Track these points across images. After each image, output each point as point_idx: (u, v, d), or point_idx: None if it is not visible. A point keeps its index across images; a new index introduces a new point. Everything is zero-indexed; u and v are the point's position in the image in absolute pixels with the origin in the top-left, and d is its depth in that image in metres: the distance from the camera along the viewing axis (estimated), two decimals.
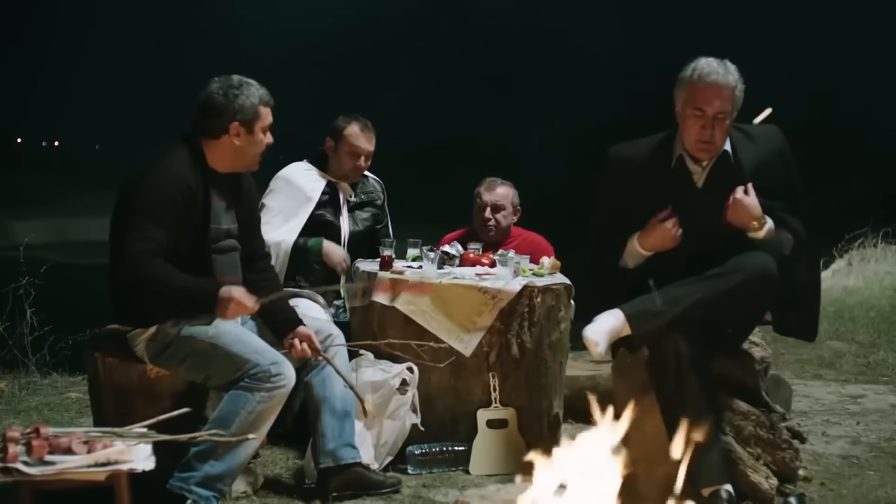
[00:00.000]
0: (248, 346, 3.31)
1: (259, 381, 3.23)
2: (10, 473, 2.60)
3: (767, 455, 3.43)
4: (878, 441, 4.46)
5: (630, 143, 3.58)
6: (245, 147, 3.45)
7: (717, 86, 3.28)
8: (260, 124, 3.45)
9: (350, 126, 4.48)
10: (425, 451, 3.87)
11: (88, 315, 4.57)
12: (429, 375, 3.90)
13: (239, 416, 3.21)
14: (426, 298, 3.90)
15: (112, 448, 2.70)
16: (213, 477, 3.20)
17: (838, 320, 7.55)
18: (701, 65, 3.33)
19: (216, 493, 3.22)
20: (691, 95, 3.31)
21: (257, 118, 3.44)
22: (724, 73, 3.31)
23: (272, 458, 3.99)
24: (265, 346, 3.35)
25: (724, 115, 3.30)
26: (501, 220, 4.74)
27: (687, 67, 3.36)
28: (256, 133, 3.45)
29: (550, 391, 4.09)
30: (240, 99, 3.41)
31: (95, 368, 3.44)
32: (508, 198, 4.76)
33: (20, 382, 5.30)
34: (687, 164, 3.42)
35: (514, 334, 3.94)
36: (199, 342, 3.29)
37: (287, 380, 3.28)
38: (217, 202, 3.45)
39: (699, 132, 3.31)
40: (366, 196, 4.69)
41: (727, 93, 3.30)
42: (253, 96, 3.44)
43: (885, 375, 5.93)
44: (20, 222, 17.68)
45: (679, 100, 3.37)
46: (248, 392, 3.23)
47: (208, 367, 3.30)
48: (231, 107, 3.39)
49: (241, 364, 3.25)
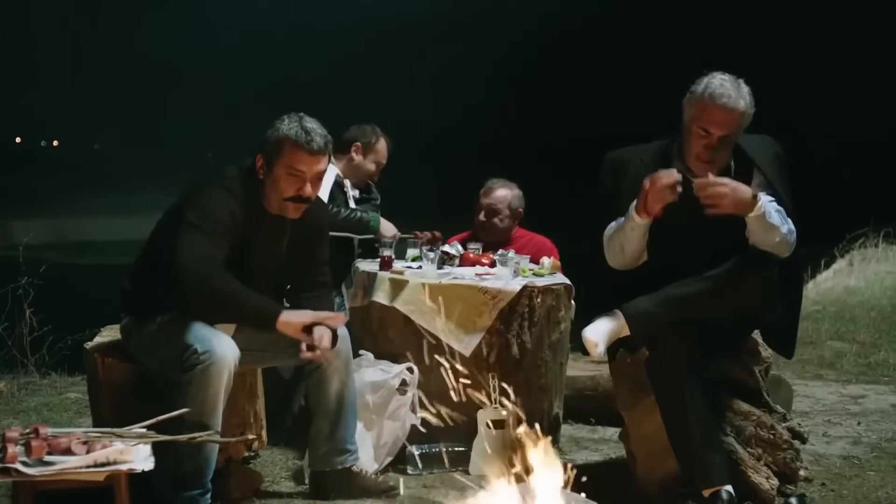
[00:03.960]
0: (191, 332, 3.19)
1: (192, 365, 3.12)
2: (9, 474, 2.60)
3: (768, 455, 3.42)
4: (879, 441, 4.45)
5: (627, 149, 3.56)
6: (269, 185, 3.29)
7: (727, 109, 3.20)
8: (282, 165, 3.25)
9: (381, 141, 4.82)
10: (425, 451, 3.86)
11: (88, 315, 4.58)
12: (429, 375, 3.89)
13: (182, 402, 3.08)
14: (426, 298, 3.90)
15: (111, 448, 2.70)
16: (189, 474, 3.14)
17: (839, 320, 7.56)
18: (714, 84, 3.23)
19: (200, 490, 3.17)
20: (700, 114, 3.24)
21: (277, 156, 3.26)
22: (736, 97, 3.21)
23: (272, 458, 3.99)
24: (204, 331, 3.20)
25: (731, 137, 3.25)
26: (497, 223, 4.76)
27: (700, 81, 3.27)
28: (277, 172, 3.26)
29: (550, 391, 4.08)
30: (270, 130, 3.28)
31: (95, 369, 3.43)
32: (506, 201, 4.77)
33: (19, 383, 5.30)
34: (685, 174, 3.39)
35: (514, 334, 3.94)
36: (150, 327, 3.26)
37: (213, 356, 3.10)
38: (268, 241, 3.34)
39: (702, 151, 3.26)
40: (366, 195, 4.88)
41: (736, 117, 3.22)
42: (280, 132, 3.26)
43: (886, 375, 5.93)
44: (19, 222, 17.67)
45: (687, 114, 3.30)
46: (183, 374, 3.14)
47: (160, 352, 3.24)
48: (262, 137, 3.29)
49: (184, 348, 3.14)
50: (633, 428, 3.56)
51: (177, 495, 3.13)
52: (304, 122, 3.29)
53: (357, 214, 4.55)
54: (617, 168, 3.51)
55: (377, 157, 4.83)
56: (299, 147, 3.24)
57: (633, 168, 3.45)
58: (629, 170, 3.46)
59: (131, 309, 3.38)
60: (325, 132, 3.33)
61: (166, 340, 3.22)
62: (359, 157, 4.78)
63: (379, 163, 4.85)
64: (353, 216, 4.53)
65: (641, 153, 3.49)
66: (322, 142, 3.29)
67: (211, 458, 3.19)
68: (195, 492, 3.16)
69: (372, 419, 3.79)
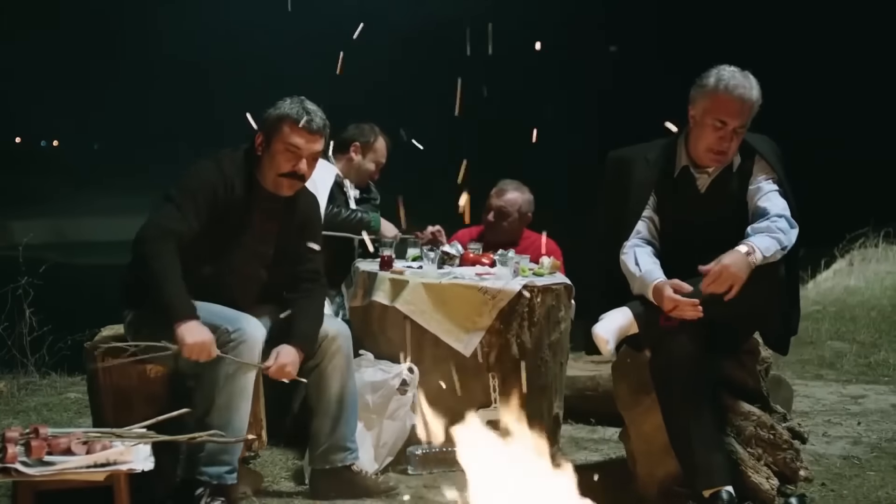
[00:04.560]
0: (216, 314, 3.23)
1: (224, 343, 3.17)
2: (9, 474, 2.60)
3: (768, 456, 3.42)
4: (880, 441, 4.45)
5: (631, 147, 3.57)
6: (266, 162, 3.39)
7: (743, 100, 3.27)
8: (280, 142, 3.37)
9: (379, 140, 4.82)
10: (425, 451, 3.86)
11: (87, 315, 4.57)
12: (429, 376, 3.89)
13: (217, 385, 3.15)
14: (426, 298, 3.89)
15: (111, 449, 2.70)
16: (215, 452, 3.18)
17: (839, 320, 7.55)
18: (726, 76, 3.29)
19: (228, 467, 3.21)
20: (715, 106, 3.28)
21: (276, 133, 3.37)
22: (750, 88, 3.29)
23: (272, 458, 3.98)
24: (230, 312, 3.27)
25: (743, 128, 3.30)
26: (505, 226, 4.78)
27: (709, 75, 3.32)
28: (274, 149, 3.37)
29: (550, 391, 4.08)
30: (270, 110, 3.40)
31: (95, 369, 3.43)
32: (516, 204, 4.80)
33: (19, 383, 5.30)
34: (691, 170, 3.41)
35: (514, 334, 3.93)
36: (161, 318, 3.22)
37: (245, 335, 3.18)
38: (257, 220, 3.39)
39: (716, 142, 3.29)
40: (366, 195, 4.90)
41: (749, 107, 3.29)
42: (281, 109, 3.39)
43: (887, 376, 5.92)
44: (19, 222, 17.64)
45: (698, 107, 3.33)
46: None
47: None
48: (263, 116, 3.39)
49: (213, 329, 3.17)
50: (633, 428, 3.56)
51: (204, 471, 3.17)
52: (305, 103, 3.42)
53: (357, 215, 4.56)
54: (622, 167, 3.52)
55: (376, 157, 4.84)
56: (298, 125, 3.37)
57: (637, 167, 3.47)
58: (634, 168, 3.47)
59: (134, 302, 3.37)
60: (325, 116, 3.45)
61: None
62: (358, 157, 4.79)
63: (378, 162, 4.86)
64: (353, 217, 4.53)
65: (646, 151, 3.50)
66: (321, 122, 3.42)
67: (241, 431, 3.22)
68: (223, 468, 3.19)
69: (372, 419, 3.79)
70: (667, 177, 3.43)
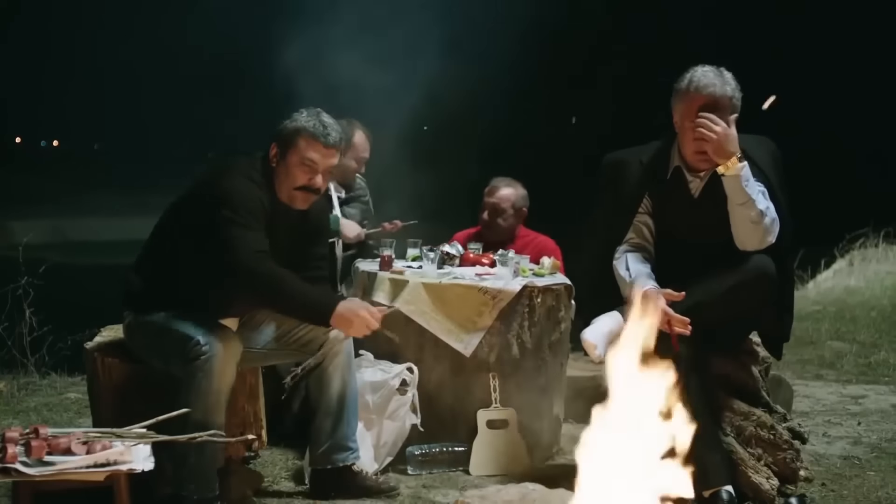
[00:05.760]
0: (194, 325, 3.21)
1: (196, 356, 3.14)
2: (9, 474, 2.59)
3: (768, 456, 3.42)
4: (880, 441, 4.45)
5: (626, 150, 3.57)
6: (281, 173, 3.35)
7: (715, 97, 3.23)
8: (295, 155, 3.33)
9: (357, 134, 4.73)
10: (425, 451, 3.86)
11: (87, 315, 4.57)
12: (429, 376, 3.89)
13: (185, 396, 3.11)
14: (426, 298, 3.89)
15: (111, 449, 2.70)
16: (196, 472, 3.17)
17: (839, 320, 7.55)
18: (697, 76, 3.27)
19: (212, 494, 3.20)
20: (688, 107, 3.26)
21: (292, 146, 3.34)
22: (722, 84, 3.25)
23: (272, 458, 3.98)
24: (211, 323, 3.24)
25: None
26: (501, 222, 4.76)
27: (683, 78, 3.31)
28: (290, 161, 3.33)
29: (550, 391, 4.08)
30: (286, 122, 3.37)
31: (95, 369, 3.43)
32: (510, 200, 4.77)
33: (19, 383, 5.29)
34: (684, 173, 3.40)
35: (514, 334, 3.93)
36: (154, 322, 3.26)
37: (214, 348, 3.13)
38: (278, 230, 3.35)
39: (698, 144, 3.27)
40: (353, 193, 4.87)
41: (724, 103, 3.24)
42: (297, 122, 3.35)
43: (887, 376, 5.92)
44: (19, 222, 17.62)
45: (676, 111, 3.32)
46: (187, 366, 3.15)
47: (165, 346, 3.24)
48: (279, 127, 3.37)
49: (187, 340, 3.17)
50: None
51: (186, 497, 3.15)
52: (321, 116, 3.40)
53: None
54: (616, 169, 3.51)
55: (356, 153, 4.75)
56: (315, 139, 3.34)
57: (632, 169, 3.46)
58: (629, 171, 3.46)
59: (135, 304, 3.37)
60: (341, 129, 3.44)
61: (170, 334, 3.22)
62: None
63: (359, 157, 4.78)
64: None
65: (640, 154, 3.50)
66: (337, 137, 3.39)
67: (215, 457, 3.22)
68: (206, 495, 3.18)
69: (372, 419, 3.78)
70: (660, 180, 3.43)
